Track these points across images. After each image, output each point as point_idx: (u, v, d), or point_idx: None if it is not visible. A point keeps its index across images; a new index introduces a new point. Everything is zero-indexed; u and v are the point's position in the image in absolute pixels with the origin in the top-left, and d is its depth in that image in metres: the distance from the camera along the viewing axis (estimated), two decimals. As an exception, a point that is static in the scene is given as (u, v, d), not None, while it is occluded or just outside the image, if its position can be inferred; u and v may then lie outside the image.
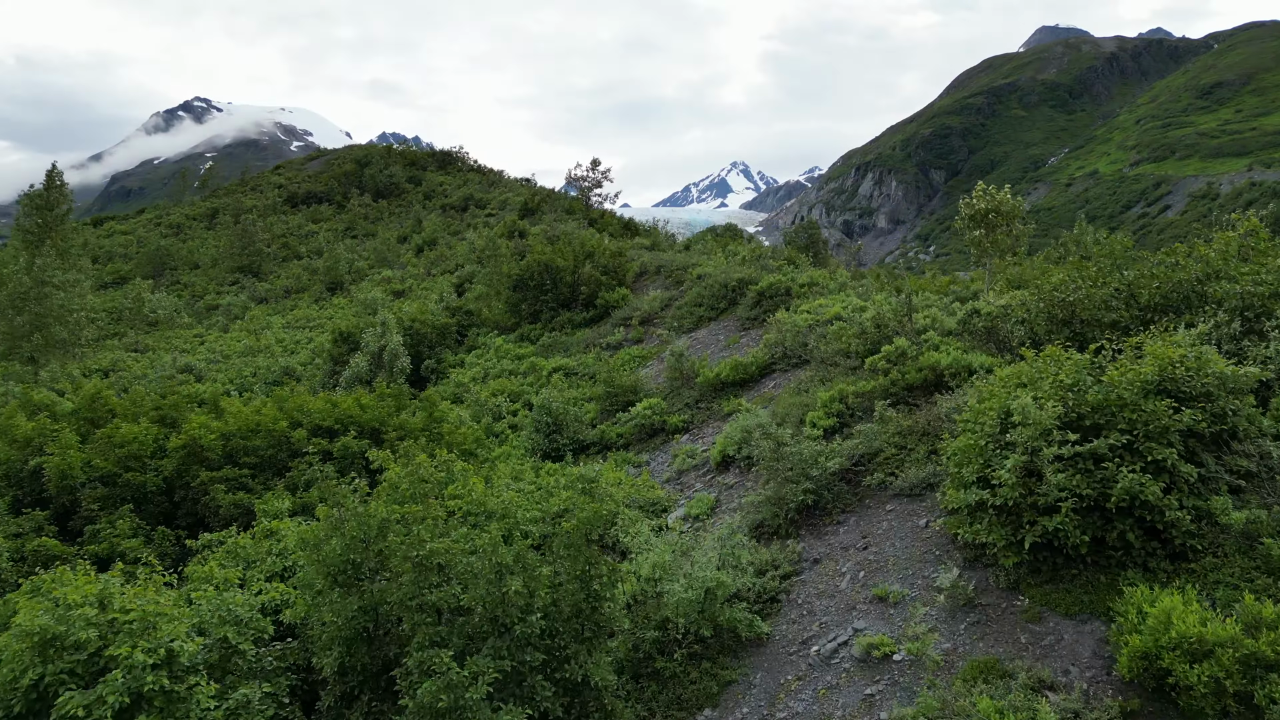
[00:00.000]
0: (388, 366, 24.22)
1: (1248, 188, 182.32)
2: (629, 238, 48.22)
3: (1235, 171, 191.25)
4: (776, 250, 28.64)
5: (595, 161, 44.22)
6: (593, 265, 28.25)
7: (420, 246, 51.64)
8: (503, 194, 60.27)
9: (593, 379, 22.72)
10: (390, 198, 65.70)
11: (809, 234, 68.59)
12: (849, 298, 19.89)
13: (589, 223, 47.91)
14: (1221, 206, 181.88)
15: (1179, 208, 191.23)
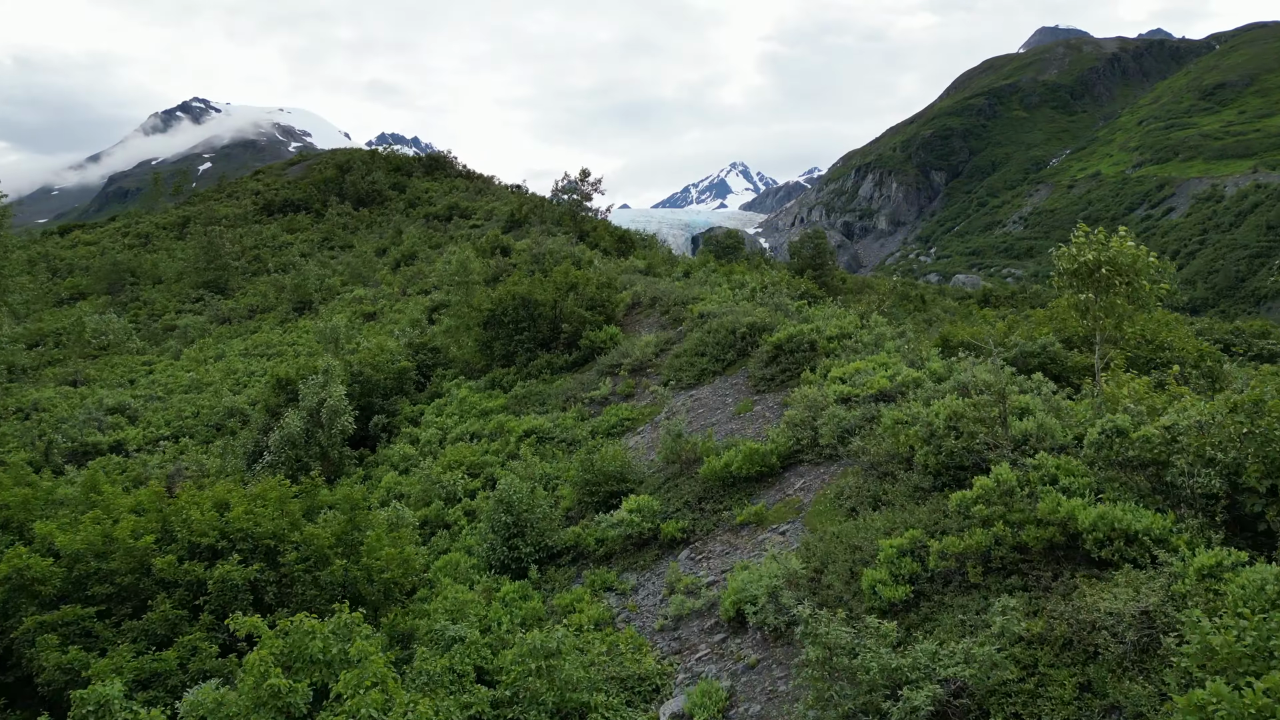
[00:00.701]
0: (326, 426, 19.81)
1: (1253, 190, 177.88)
2: (623, 256, 43.71)
3: (1240, 173, 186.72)
4: (790, 282, 24.13)
5: (584, 172, 39.70)
6: (576, 298, 23.77)
7: (398, 261, 47.07)
8: (490, 203, 55.68)
9: (570, 447, 18.30)
10: (372, 206, 61.10)
11: (815, 244, 63.96)
12: (893, 361, 15.39)
13: (579, 236, 43.34)
14: (1226, 209, 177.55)
15: (1183, 210, 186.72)
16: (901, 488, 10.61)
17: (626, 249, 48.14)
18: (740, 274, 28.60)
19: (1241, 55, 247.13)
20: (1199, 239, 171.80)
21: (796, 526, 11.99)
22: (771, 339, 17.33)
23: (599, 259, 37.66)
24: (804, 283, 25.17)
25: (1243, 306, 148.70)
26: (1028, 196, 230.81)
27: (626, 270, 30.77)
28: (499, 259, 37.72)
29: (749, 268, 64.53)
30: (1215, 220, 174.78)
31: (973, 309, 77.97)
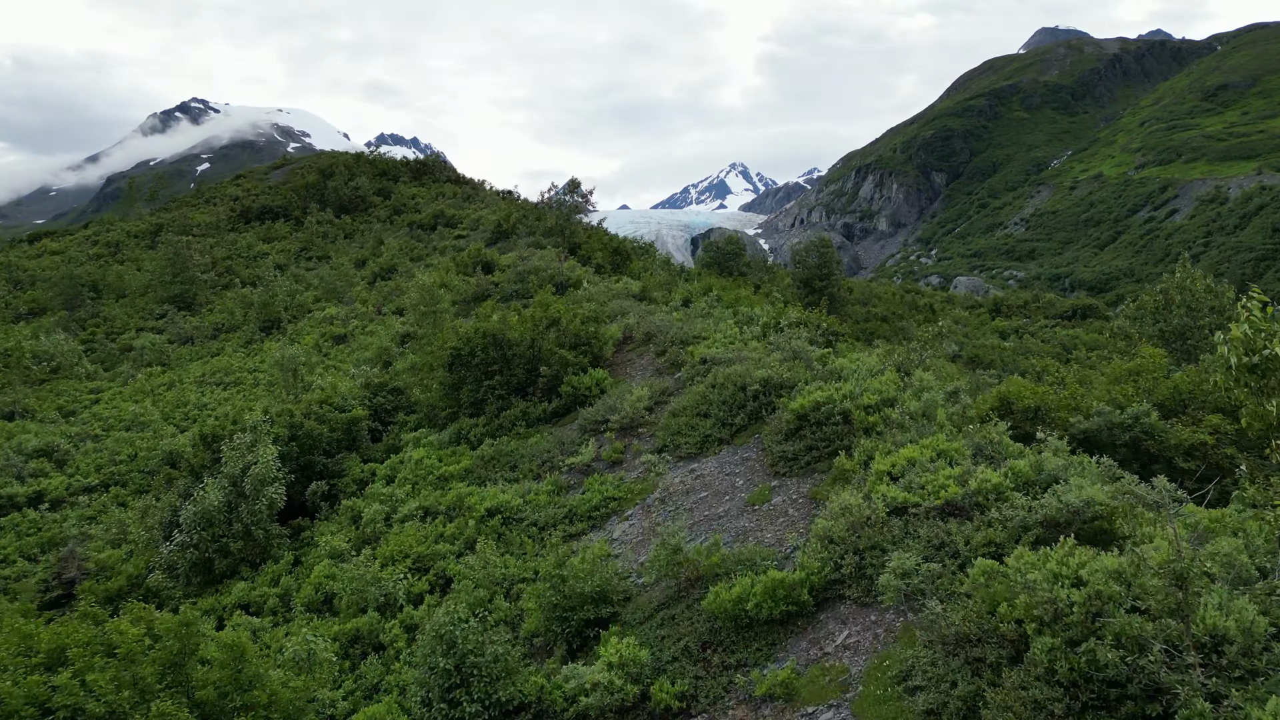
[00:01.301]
0: (250, 499, 16.07)
1: (1258, 191, 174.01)
2: (618, 270, 39.88)
3: (1244, 175, 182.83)
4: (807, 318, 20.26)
5: (573, 183, 35.84)
6: (558, 334, 19.98)
7: (376, 275, 43.25)
8: (477, 210, 51.82)
9: (543, 532, 14.54)
10: (355, 213, 57.23)
11: (820, 252, 60.07)
12: (956, 448, 11.45)
13: (570, 250, 39.50)
14: (1231, 211, 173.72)
15: (1186, 211, 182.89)
16: (1012, 695, 6.88)
17: (622, 261, 44.31)
18: (747, 302, 24.82)
19: (1243, 56, 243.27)
20: (1203, 241, 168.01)
21: (844, 717, 8.24)
22: (793, 405, 13.52)
23: (590, 277, 33.83)
24: (821, 315, 21.32)
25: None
26: (1029, 198, 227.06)
27: (618, 295, 26.95)
28: (480, 277, 33.88)
29: (755, 289, 60.59)
30: (1220, 223, 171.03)
31: (984, 319, 74.23)
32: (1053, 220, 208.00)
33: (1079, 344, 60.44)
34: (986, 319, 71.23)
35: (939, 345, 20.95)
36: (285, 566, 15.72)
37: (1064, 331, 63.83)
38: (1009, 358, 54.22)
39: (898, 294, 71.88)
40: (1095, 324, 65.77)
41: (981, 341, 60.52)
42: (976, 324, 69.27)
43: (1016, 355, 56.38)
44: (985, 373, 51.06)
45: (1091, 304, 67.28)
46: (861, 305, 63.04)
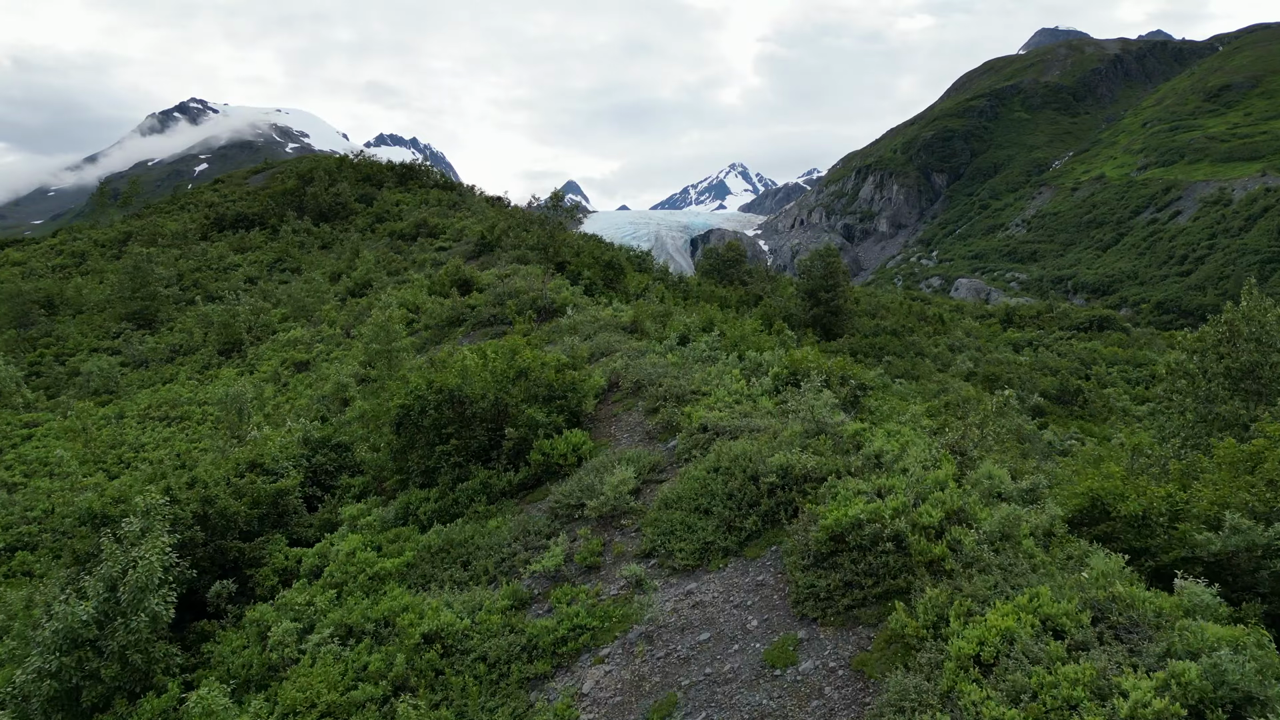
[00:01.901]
0: (128, 613, 12.42)
1: (1262, 193, 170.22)
2: (611, 287, 36.15)
3: (1248, 176, 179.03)
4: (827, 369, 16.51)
5: (556, 196, 31.91)
6: (527, 385, 16.24)
7: (349, 292, 39.49)
8: (462, 219, 48.02)
9: (492, 670, 10.88)
10: (335, 221, 53.46)
11: (827, 263, 56.30)
12: (1069, 615, 7.69)
13: (557, 267, 35.72)
14: (1235, 213, 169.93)
15: (1190, 213, 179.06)
16: None
17: (615, 277, 40.53)
18: (754, 342, 21.10)
19: (1246, 57, 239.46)
20: (1208, 244, 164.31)
21: None
22: (825, 521, 9.81)
23: (577, 298, 30.05)
24: (844, 364, 17.56)
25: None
26: (1030, 199, 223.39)
27: (606, 325, 23.18)
28: (455, 299, 30.11)
29: (757, 300, 56.82)
30: (1224, 225, 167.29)
31: (995, 329, 70.53)
32: (1054, 222, 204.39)
33: (1098, 358, 56.73)
34: (998, 329, 67.47)
35: (1001, 420, 17.09)
36: (170, 700, 12.09)
37: (1081, 344, 60.09)
38: (1026, 375, 50.46)
39: (904, 303, 68.10)
40: (1114, 336, 62.03)
41: (996, 356, 56.77)
42: (988, 335, 65.51)
43: (1034, 371, 52.65)
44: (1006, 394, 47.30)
45: (1108, 314, 63.52)
46: (869, 317, 59.30)
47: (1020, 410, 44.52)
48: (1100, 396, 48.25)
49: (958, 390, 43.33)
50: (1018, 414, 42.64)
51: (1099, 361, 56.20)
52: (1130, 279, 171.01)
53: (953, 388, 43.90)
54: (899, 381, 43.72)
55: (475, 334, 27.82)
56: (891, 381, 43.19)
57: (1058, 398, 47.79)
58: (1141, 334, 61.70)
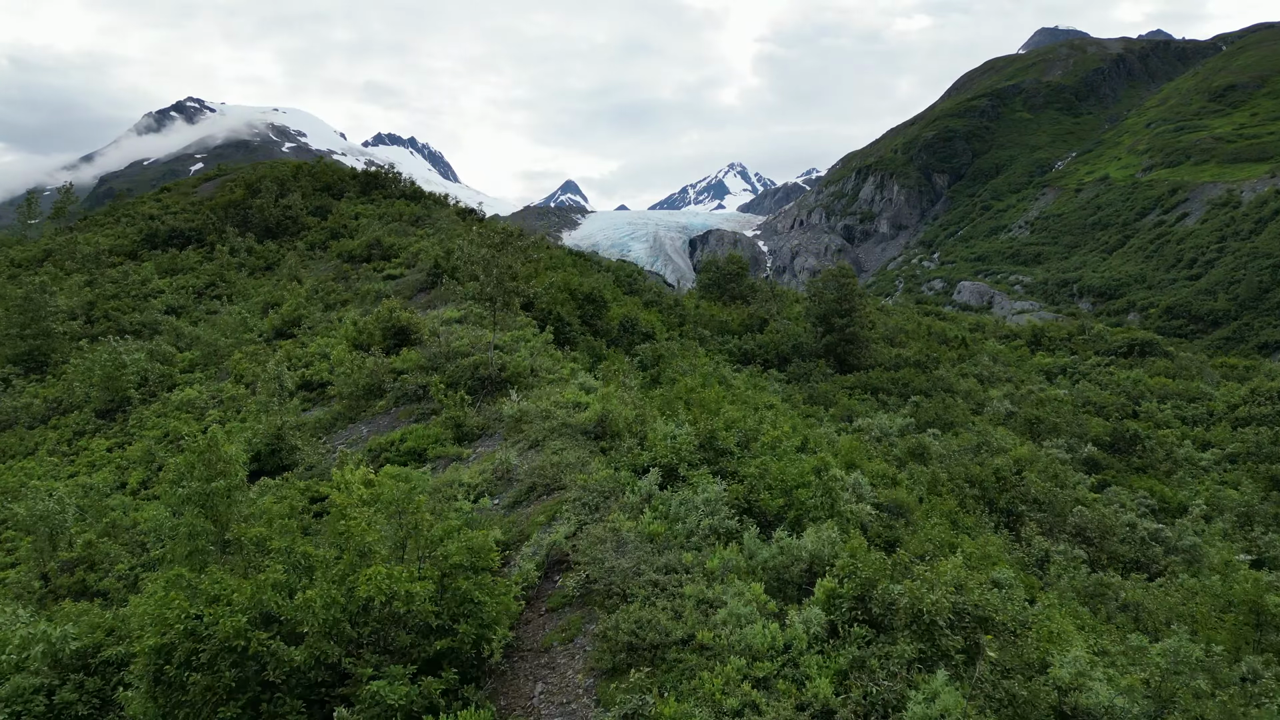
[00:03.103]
0: None
1: (1272, 195, 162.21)
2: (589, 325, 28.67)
3: (1257, 178, 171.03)
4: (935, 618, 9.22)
5: (508, 233, 23.92)
6: (385, 618, 8.85)
7: (275, 331, 31.99)
8: (419, 240, 40.47)
9: None
10: (283, 237, 45.93)
11: (841, 284, 48.74)
12: None
13: (524, 306, 28.15)
14: (1245, 215, 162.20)
15: (1198, 215, 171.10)
16: None
17: (596, 312, 33.01)
18: (782, 472, 13.57)
19: (1250, 56, 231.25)
20: (1217, 247, 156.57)
21: None
22: None
23: (540, 354, 22.52)
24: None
25: (1267, 320, 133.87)
26: (1033, 200, 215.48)
27: (561, 429, 15.70)
28: (380, 359, 22.58)
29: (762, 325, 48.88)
30: (1234, 228, 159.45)
31: (1023, 353, 63.00)
32: (1058, 223, 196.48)
33: (1145, 391, 49.20)
34: (1026, 353, 59.92)
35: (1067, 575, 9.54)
36: None
37: (1123, 373, 52.56)
38: (1071, 417, 42.94)
39: (923, 324, 60.51)
40: (1158, 364, 54.48)
41: (1030, 387, 49.25)
42: (1015, 359, 57.96)
43: (1078, 409, 45.15)
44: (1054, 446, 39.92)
45: (1151, 339, 55.93)
46: (888, 344, 51.77)
47: (1071, 464, 37.02)
48: (1160, 443, 40.75)
49: (1000, 442, 35.86)
50: (1070, 472, 35.22)
51: (1147, 395, 48.68)
52: (1138, 282, 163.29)
53: (994, 438, 36.41)
54: (931, 432, 36.20)
55: (396, 413, 20.34)
56: (924, 435, 35.69)
57: (1112, 445, 40.31)
58: (1189, 361, 54.15)
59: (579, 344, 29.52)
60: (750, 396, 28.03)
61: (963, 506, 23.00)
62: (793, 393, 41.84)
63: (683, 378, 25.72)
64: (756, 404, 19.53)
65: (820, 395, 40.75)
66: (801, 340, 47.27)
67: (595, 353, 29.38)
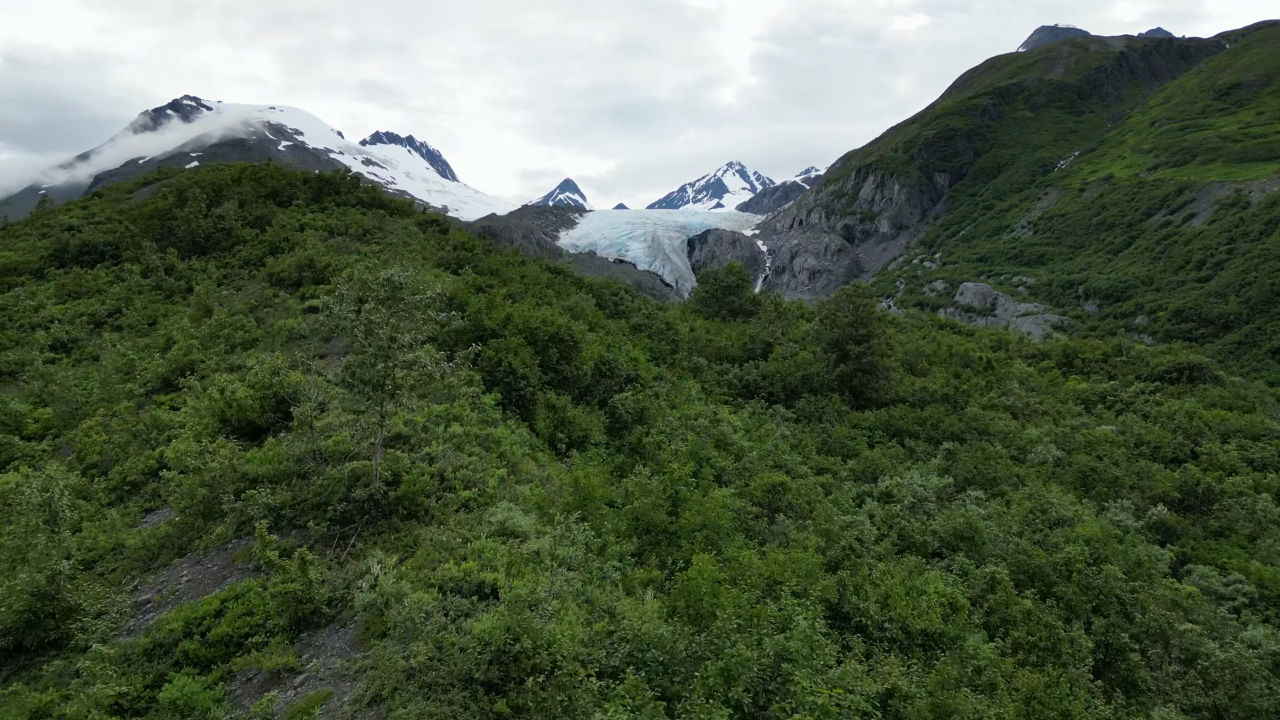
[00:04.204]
0: None
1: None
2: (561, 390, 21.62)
3: (1265, 178, 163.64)
4: None
5: (392, 287, 17.19)
6: None
7: (161, 381, 24.91)
8: (360, 259, 33.29)
9: None
10: (213, 253, 38.81)
11: (856, 305, 41.62)
12: None
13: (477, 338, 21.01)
14: (1255, 215, 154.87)
15: (1205, 216, 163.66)
16: None
17: (566, 354, 26.04)
18: None
19: (1256, 54, 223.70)
20: (1226, 248, 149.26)
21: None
22: None
23: (462, 446, 15.42)
24: None
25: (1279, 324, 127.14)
26: (1036, 200, 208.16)
27: (439, 624, 8.75)
28: (232, 452, 15.44)
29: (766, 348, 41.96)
30: (1243, 228, 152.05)
31: (1054, 375, 55.86)
32: (1062, 223, 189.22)
33: (1203, 425, 42.13)
34: (1057, 376, 52.80)
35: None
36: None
37: (1172, 403, 45.49)
38: (1126, 464, 35.85)
39: (942, 344, 53.38)
40: (1210, 392, 47.36)
41: (1069, 423, 42.18)
42: (1046, 383, 50.86)
43: (1135, 454, 38.08)
44: (1120, 509, 32.62)
45: (1200, 362, 48.77)
46: (907, 370, 44.66)
47: (1140, 533, 29.90)
48: (1235, 498, 33.66)
49: (1059, 508, 28.78)
50: (1139, 544, 28.12)
51: (1205, 432, 41.61)
52: (1145, 284, 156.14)
53: (1049, 502, 29.33)
54: (972, 494, 29.09)
55: (235, 549, 13.27)
56: (965, 503, 28.60)
57: (1182, 503, 33.24)
58: (1244, 388, 46.99)
59: (538, 405, 22.38)
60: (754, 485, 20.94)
61: (1049, 658, 15.96)
62: (804, 437, 34.78)
63: (669, 462, 18.67)
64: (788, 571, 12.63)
65: (836, 442, 33.66)
66: (811, 371, 40.16)
67: (558, 417, 22.24)
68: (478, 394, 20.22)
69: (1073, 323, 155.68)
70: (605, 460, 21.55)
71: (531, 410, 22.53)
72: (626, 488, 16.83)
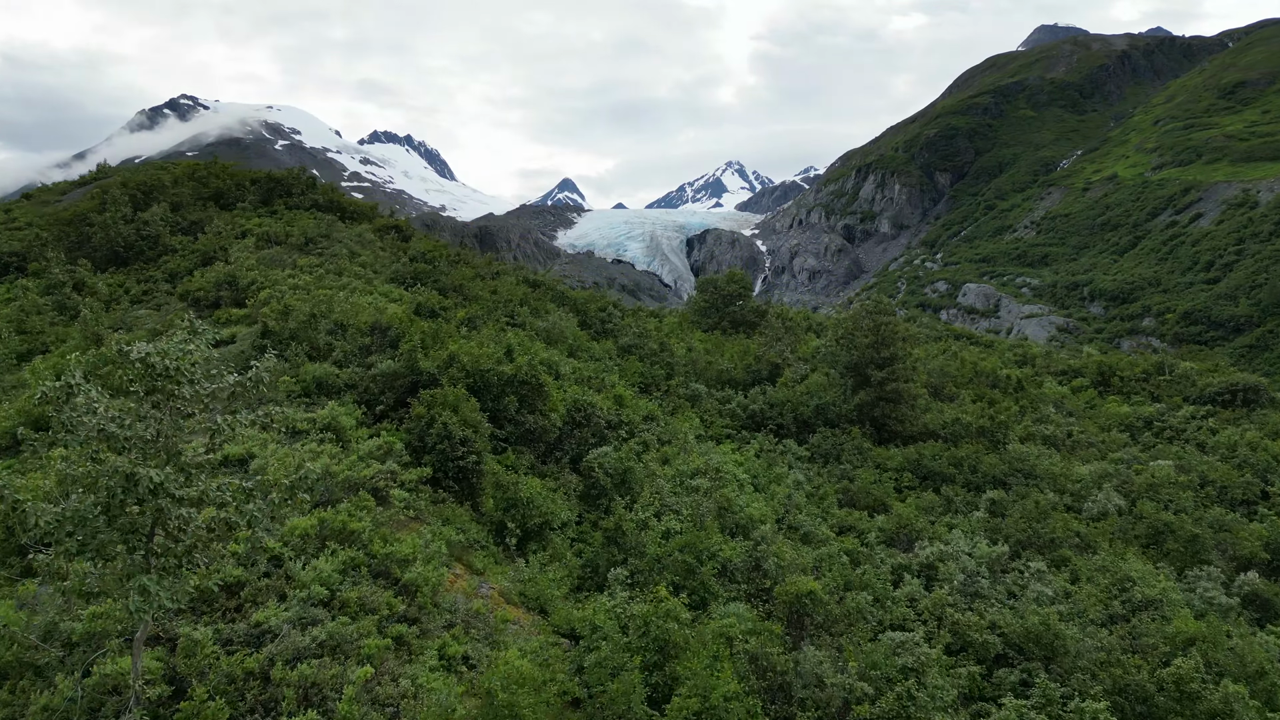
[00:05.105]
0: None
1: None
2: (500, 498, 15.53)
3: (1274, 177, 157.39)
4: None
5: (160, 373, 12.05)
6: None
7: (9, 438, 19.12)
8: (290, 275, 27.39)
9: None
10: (135, 264, 32.94)
11: (878, 324, 35.61)
12: None
13: (409, 385, 15.13)
14: (1264, 216, 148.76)
15: (1213, 216, 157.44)
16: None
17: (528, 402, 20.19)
18: None
19: (1260, 53, 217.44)
20: (1235, 249, 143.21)
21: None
22: None
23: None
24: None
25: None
26: (1039, 200, 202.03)
27: None
28: None
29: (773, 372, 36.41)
30: (1252, 229, 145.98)
31: (1089, 395, 49.95)
32: (1065, 224, 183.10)
33: (1270, 460, 36.21)
34: (1093, 396, 46.90)
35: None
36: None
37: (1229, 430, 39.62)
38: (1198, 518, 29.94)
39: (966, 362, 47.44)
40: (1272, 417, 41.44)
41: (1118, 455, 36.31)
42: (1083, 405, 44.98)
43: (1205, 499, 32.19)
44: (1207, 579, 26.67)
45: (1255, 383, 42.82)
46: (932, 394, 38.73)
47: (1230, 612, 23.99)
48: (1333, 557, 27.76)
49: (1141, 587, 22.94)
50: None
51: (1274, 466, 35.68)
52: (1152, 286, 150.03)
53: (1127, 575, 23.50)
54: (1033, 565, 23.21)
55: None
56: (1023, 570, 22.77)
57: (1272, 565, 27.35)
58: (1307, 412, 41.05)
59: (484, 478, 16.49)
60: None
61: None
62: (821, 482, 28.92)
63: (657, 585, 12.80)
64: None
65: (862, 492, 27.77)
66: (826, 399, 34.24)
67: (507, 499, 16.32)
68: (391, 473, 14.33)
69: (1078, 325, 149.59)
70: (569, 563, 15.62)
71: (475, 485, 16.62)
72: (587, 646, 10.95)
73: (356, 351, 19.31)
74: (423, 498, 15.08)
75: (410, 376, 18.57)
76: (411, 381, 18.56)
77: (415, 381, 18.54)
